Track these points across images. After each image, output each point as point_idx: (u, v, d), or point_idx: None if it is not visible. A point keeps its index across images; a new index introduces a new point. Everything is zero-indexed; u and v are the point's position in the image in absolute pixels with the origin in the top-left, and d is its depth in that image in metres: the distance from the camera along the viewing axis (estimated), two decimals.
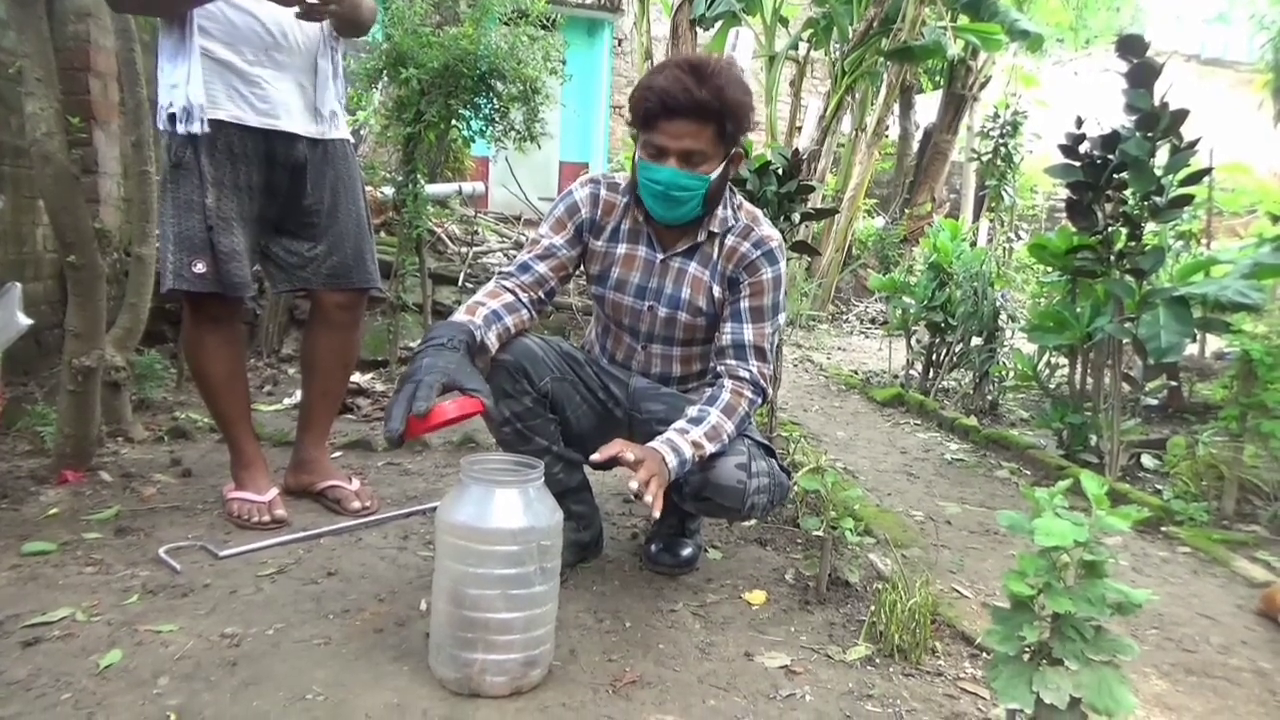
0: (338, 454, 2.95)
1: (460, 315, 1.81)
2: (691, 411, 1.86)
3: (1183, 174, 2.95)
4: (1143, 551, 2.58)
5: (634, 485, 1.62)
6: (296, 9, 2.06)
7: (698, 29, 7.31)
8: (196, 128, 2.05)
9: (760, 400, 1.95)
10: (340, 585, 1.95)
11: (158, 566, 1.99)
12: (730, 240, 1.97)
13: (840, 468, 3.23)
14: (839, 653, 1.79)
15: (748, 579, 2.15)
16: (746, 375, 1.93)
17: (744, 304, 1.96)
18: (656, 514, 1.65)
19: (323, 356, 2.46)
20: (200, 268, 2.14)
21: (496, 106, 3.98)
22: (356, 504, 2.38)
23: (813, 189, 2.67)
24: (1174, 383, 4.06)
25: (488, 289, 1.90)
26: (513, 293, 1.89)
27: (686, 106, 1.76)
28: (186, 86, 2.04)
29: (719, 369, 1.96)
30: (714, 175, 1.86)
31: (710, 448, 1.82)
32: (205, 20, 2.08)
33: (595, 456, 1.70)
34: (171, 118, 2.06)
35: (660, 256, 1.99)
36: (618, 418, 2.07)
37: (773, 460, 1.98)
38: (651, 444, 1.77)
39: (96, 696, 1.46)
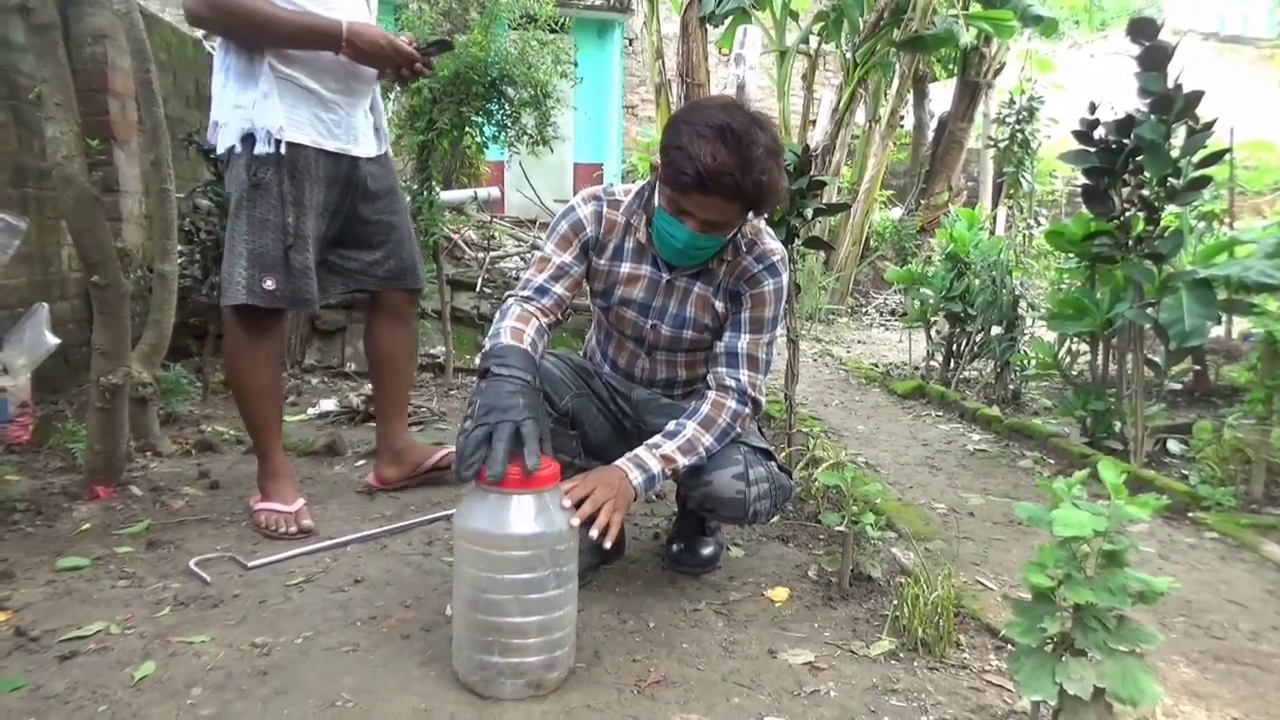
0: (361, 462, 2.98)
1: (510, 341, 1.78)
2: (670, 425, 1.88)
3: (1200, 155, 2.92)
4: (1169, 538, 2.56)
5: (575, 522, 1.61)
6: (399, 74, 2.29)
7: (708, 26, 7.30)
8: (262, 149, 2.13)
9: (749, 409, 1.93)
10: (367, 592, 1.98)
11: (188, 578, 2.02)
12: (733, 257, 1.96)
13: (861, 462, 3.23)
14: (863, 648, 1.80)
15: (770, 576, 2.15)
16: (733, 384, 1.93)
17: (745, 314, 1.96)
18: (608, 545, 1.67)
19: (392, 349, 2.62)
20: (270, 284, 2.23)
21: (508, 112, 4.01)
22: None
23: (824, 184, 2.66)
24: (1199, 366, 4.02)
25: (517, 314, 1.86)
26: (536, 317, 1.88)
27: (726, 191, 1.69)
28: (253, 110, 2.12)
29: (709, 378, 1.97)
30: (729, 235, 1.86)
31: (684, 460, 1.83)
32: (293, 50, 2.16)
33: (565, 502, 1.65)
34: (246, 139, 2.15)
35: (666, 277, 1.97)
36: (627, 429, 2.10)
37: (772, 464, 1.99)
38: (617, 462, 1.79)
39: (132, 708, 1.50)
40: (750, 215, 1.86)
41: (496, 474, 1.51)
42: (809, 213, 2.65)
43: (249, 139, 2.15)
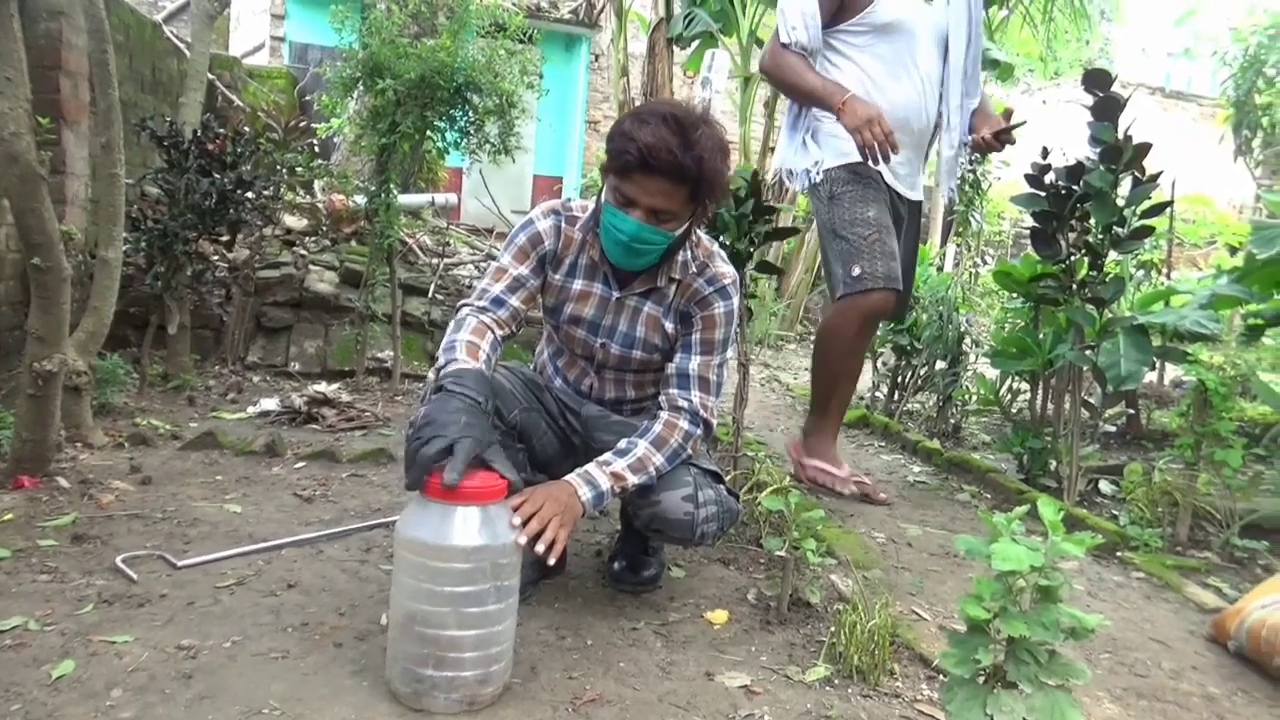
0: (300, 465, 2.93)
1: (465, 357, 1.78)
2: (621, 444, 1.88)
3: (1144, 206, 3.02)
4: (1098, 576, 2.62)
5: (522, 540, 1.60)
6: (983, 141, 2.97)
7: (675, 47, 7.37)
8: (803, 182, 2.86)
9: (700, 429, 1.95)
10: (300, 598, 1.94)
11: (114, 576, 1.96)
12: (685, 278, 1.98)
13: (804, 488, 3.25)
14: (798, 673, 1.81)
15: (710, 598, 2.16)
16: (685, 405, 1.94)
17: (695, 336, 1.98)
18: (551, 561, 1.66)
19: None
20: (856, 270, 2.72)
21: (472, 119, 3.99)
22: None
23: (775, 210, 2.71)
24: (1132, 410, 4.14)
25: (473, 326, 1.86)
26: (491, 330, 1.88)
27: (667, 167, 1.73)
28: (795, 154, 2.85)
29: (661, 398, 1.98)
30: (678, 232, 1.87)
31: (634, 479, 1.83)
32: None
33: (515, 519, 1.63)
34: (796, 174, 2.86)
35: (617, 294, 1.98)
36: (576, 445, 2.10)
37: (720, 487, 2.00)
38: (567, 477, 1.79)
39: (48, 708, 1.44)
40: (697, 212, 1.87)
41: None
42: (758, 237, 2.68)
43: (796, 174, 2.84)
